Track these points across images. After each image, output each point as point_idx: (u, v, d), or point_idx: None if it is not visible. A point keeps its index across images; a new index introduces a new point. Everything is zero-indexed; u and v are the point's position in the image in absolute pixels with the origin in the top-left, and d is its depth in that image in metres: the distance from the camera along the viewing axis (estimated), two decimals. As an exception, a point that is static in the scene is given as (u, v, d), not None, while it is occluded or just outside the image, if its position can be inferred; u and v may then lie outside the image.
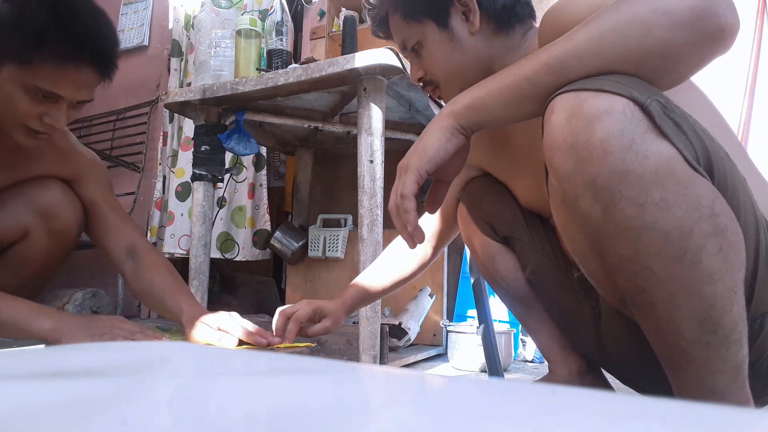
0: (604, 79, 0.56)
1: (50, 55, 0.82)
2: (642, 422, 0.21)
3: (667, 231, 0.52)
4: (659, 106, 0.54)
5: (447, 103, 0.68)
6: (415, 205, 0.69)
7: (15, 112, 0.87)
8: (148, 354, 0.36)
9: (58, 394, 0.24)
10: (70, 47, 0.83)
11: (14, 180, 1.12)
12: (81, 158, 1.11)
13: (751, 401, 0.58)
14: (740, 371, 0.56)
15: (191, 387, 0.27)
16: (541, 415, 0.22)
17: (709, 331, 0.54)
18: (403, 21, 0.86)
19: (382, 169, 1.42)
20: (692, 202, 0.52)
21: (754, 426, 0.20)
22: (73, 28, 0.83)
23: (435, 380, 0.32)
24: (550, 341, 1.00)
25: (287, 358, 0.35)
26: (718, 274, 0.53)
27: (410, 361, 1.74)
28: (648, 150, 0.52)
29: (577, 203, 0.57)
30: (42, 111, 0.88)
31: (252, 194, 2.68)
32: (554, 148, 0.57)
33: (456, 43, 0.83)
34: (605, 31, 0.56)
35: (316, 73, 1.46)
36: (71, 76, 0.85)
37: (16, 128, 0.90)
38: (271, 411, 0.23)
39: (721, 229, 0.53)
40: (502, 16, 0.83)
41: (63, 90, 0.86)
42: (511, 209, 0.97)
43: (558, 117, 0.57)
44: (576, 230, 0.61)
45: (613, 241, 0.55)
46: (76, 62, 0.84)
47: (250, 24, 1.68)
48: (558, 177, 0.58)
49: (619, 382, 0.95)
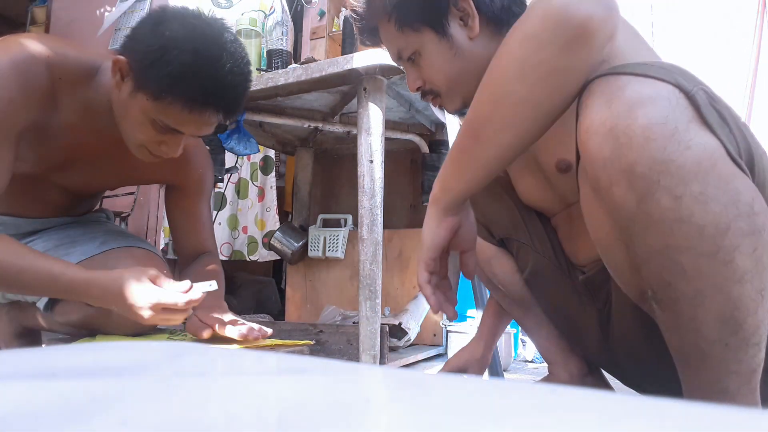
0: (648, 65, 0.54)
1: (179, 98, 0.86)
2: (642, 422, 0.20)
3: (703, 226, 0.50)
4: (705, 96, 0.52)
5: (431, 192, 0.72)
6: (432, 290, 0.74)
7: (138, 134, 0.93)
8: (148, 354, 0.36)
9: (58, 394, 0.24)
10: (200, 95, 0.87)
11: (123, 181, 1.26)
12: (191, 173, 1.17)
13: (759, 405, 0.57)
14: (755, 375, 0.55)
15: (191, 387, 0.27)
16: (541, 415, 0.22)
17: (730, 333, 0.52)
18: (398, 31, 0.82)
19: (382, 169, 1.42)
20: (732, 199, 0.50)
21: (754, 426, 0.20)
22: (206, 77, 0.86)
23: (435, 380, 0.32)
24: (549, 343, 0.99)
25: (287, 358, 0.35)
26: (749, 274, 0.51)
27: (410, 361, 1.74)
28: (691, 140, 0.51)
29: (611, 190, 0.54)
30: (162, 140, 0.93)
31: (262, 197, 2.70)
32: (591, 131, 0.55)
33: (456, 50, 0.80)
34: (495, 90, 0.61)
35: (316, 73, 1.46)
36: (194, 118, 0.89)
37: (138, 147, 0.96)
38: (270, 411, 0.23)
39: (759, 229, 0.51)
40: (501, 18, 0.80)
41: (184, 128, 0.91)
42: (509, 210, 0.96)
43: (597, 100, 0.55)
44: (603, 219, 0.59)
45: (644, 233, 0.54)
46: (202, 108, 0.88)
47: (250, 24, 1.68)
48: (592, 162, 0.55)
49: (620, 384, 0.94)
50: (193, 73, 0.85)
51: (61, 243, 1.13)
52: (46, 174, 1.06)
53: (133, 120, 0.91)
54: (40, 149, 0.99)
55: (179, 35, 0.85)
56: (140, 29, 0.91)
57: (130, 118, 0.92)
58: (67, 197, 1.15)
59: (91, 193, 1.26)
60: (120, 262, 1.06)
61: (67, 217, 1.20)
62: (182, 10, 0.91)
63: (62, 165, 1.05)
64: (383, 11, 0.82)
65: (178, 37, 0.85)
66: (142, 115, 0.89)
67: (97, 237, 1.15)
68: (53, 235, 1.14)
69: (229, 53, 0.88)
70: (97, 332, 1.08)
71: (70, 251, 1.10)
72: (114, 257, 1.08)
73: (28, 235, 1.14)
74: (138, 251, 1.13)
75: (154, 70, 0.85)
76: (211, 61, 0.86)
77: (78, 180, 1.11)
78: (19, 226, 1.13)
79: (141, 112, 0.89)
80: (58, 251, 1.11)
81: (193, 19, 0.89)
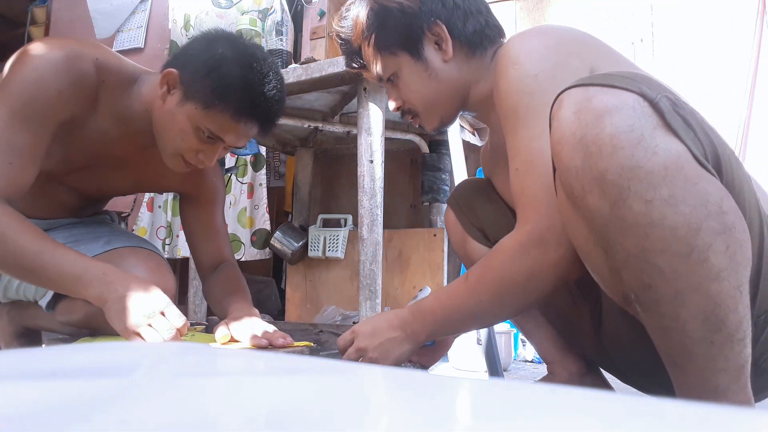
0: (612, 75, 0.56)
1: (229, 107, 0.93)
2: (642, 422, 0.20)
3: (675, 228, 0.52)
4: (669, 102, 0.54)
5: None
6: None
7: (180, 143, 0.98)
8: (147, 354, 0.36)
9: (58, 394, 0.24)
10: (248, 105, 0.94)
11: (137, 188, 1.31)
12: (205, 181, 1.21)
13: (752, 401, 0.57)
14: (743, 371, 0.56)
15: (191, 387, 0.27)
16: (541, 415, 0.22)
17: (713, 330, 0.54)
18: (377, 54, 0.87)
19: (382, 169, 1.42)
20: (700, 200, 0.52)
21: (753, 426, 0.20)
22: (255, 91, 0.94)
23: (435, 380, 0.32)
24: (547, 344, 1.00)
25: (287, 358, 0.35)
26: (725, 272, 0.53)
27: (410, 361, 1.74)
28: (657, 146, 0.52)
29: (585, 199, 0.56)
30: (201, 148, 0.98)
31: (251, 194, 2.67)
32: (562, 142, 0.57)
33: (431, 72, 0.85)
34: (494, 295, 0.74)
35: (316, 73, 1.46)
36: (239, 128, 0.96)
37: (173, 155, 1.00)
38: (270, 411, 0.23)
39: (729, 227, 0.53)
40: (473, 41, 0.85)
41: (227, 137, 0.97)
42: (503, 212, 0.97)
43: (566, 111, 0.57)
44: (581, 226, 0.61)
45: (620, 238, 0.55)
46: (247, 118, 0.96)
47: (250, 24, 1.68)
48: (565, 172, 0.58)
49: (620, 382, 0.94)
50: (244, 86, 0.93)
51: (66, 242, 1.13)
52: (63, 175, 1.08)
53: (178, 128, 0.96)
54: (68, 148, 1.02)
55: (231, 53, 0.94)
56: (192, 46, 0.99)
57: (174, 127, 0.97)
58: (77, 199, 1.17)
59: (103, 197, 1.27)
60: (124, 261, 1.07)
61: (73, 218, 1.21)
62: (229, 33, 1.02)
63: (83, 167, 1.07)
64: (364, 36, 0.88)
65: (230, 54, 0.94)
66: (188, 124, 0.95)
67: (102, 237, 1.15)
68: (58, 235, 1.14)
69: (275, 73, 0.98)
70: (98, 332, 1.08)
71: (75, 250, 1.11)
72: (118, 256, 1.09)
73: None
74: (142, 252, 1.14)
75: (209, 81, 0.92)
76: (260, 78, 0.94)
77: (93, 184, 1.13)
78: None
79: (188, 120, 0.95)
80: None
81: (241, 41, 0.99)
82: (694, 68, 2.13)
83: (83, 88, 0.95)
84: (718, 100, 2.10)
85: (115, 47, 3.19)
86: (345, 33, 0.91)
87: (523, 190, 0.70)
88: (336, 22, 0.93)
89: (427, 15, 0.83)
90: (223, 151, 1.03)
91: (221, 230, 1.25)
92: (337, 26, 0.92)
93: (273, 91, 0.96)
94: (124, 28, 3.45)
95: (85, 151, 1.04)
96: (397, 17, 0.84)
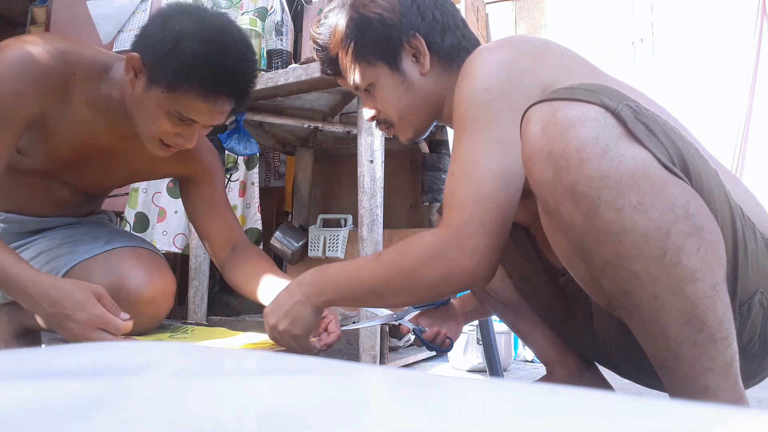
0: (574, 89, 0.57)
1: (193, 87, 0.89)
2: (641, 422, 0.21)
3: (646, 233, 0.53)
4: (630, 111, 0.55)
5: None
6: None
7: (154, 128, 0.95)
8: (148, 354, 0.36)
9: (58, 394, 0.24)
10: (213, 82, 0.90)
11: (132, 178, 1.28)
12: (200, 160, 1.18)
13: (744, 398, 0.58)
14: (731, 368, 0.56)
15: (190, 387, 0.27)
16: (541, 415, 0.22)
17: (694, 331, 0.54)
18: (355, 63, 0.87)
19: (382, 169, 1.42)
20: (668, 204, 0.53)
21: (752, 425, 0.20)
22: (218, 65, 0.90)
23: (435, 380, 0.32)
24: (545, 344, 1.01)
25: (287, 358, 0.35)
26: (699, 273, 0.54)
27: (410, 361, 1.74)
28: (623, 155, 0.54)
29: (558, 211, 0.58)
30: (177, 131, 0.96)
31: (243, 192, 2.66)
32: (533, 158, 0.58)
33: (408, 84, 0.85)
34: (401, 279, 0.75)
35: (316, 73, 1.46)
36: (208, 107, 0.92)
37: (151, 140, 0.98)
38: (270, 411, 0.23)
39: (698, 229, 0.54)
40: (450, 55, 0.86)
41: (199, 117, 0.94)
42: None
43: (534, 127, 0.58)
44: (560, 237, 0.63)
45: (596, 246, 0.56)
46: (215, 95, 0.91)
47: (250, 24, 1.68)
48: (539, 186, 0.59)
49: (619, 382, 0.95)
50: (205, 61, 0.88)
51: (65, 242, 1.13)
52: (56, 172, 1.07)
53: (149, 114, 0.94)
54: (51, 145, 1.01)
55: (189, 28, 0.89)
56: (150, 26, 0.94)
57: (145, 113, 0.94)
58: (74, 195, 1.16)
59: (99, 192, 1.26)
60: (124, 261, 1.06)
61: (72, 217, 1.21)
62: (188, 6, 0.96)
63: (73, 162, 1.06)
64: (342, 44, 0.87)
65: (187, 30, 0.89)
66: (157, 108, 0.92)
67: (101, 237, 1.15)
68: (57, 234, 1.14)
69: (237, 42, 0.92)
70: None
71: (74, 250, 1.11)
72: (117, 257, 1.09)
73: (31, 234, 1.14)
74: (142, 252, 1.13)
75: (168, 62, 0.88)
76: (221, 50, 0.89)
77: (87, 178, 1.12)
78: (23, 224, 1.13)
79: (156, 105, 0.92)
80: (62, 250, 1.11)
81: (200, 13, 0.93)
82: (694, 68, 2.13)
83: (48, 83, 0.93)
84: (718, 100, 2.10)
85: (116, 47, 3.18)
86: (322, 40, 0.90)
87: (454, 193, 0.71)
88: (313, 28, 0.92)
89: (407, 28, 0.84)
90: (204, 130, 1.00)
91: (227, 206, 1.22)
92: (314, 32, 0.91)
93: (238, 62, 0.91)
94: (125, 29, 3.45)
95: (70, 145, 1.03)
96: (377, 28, 0.84)
